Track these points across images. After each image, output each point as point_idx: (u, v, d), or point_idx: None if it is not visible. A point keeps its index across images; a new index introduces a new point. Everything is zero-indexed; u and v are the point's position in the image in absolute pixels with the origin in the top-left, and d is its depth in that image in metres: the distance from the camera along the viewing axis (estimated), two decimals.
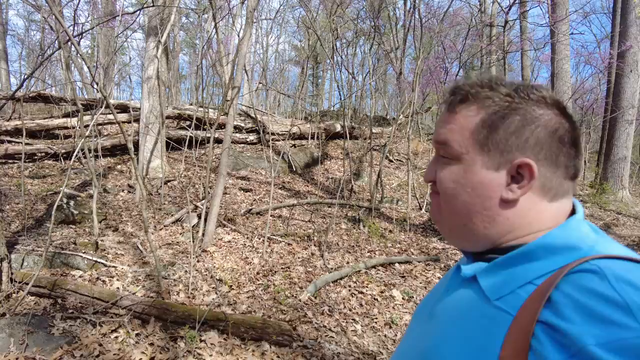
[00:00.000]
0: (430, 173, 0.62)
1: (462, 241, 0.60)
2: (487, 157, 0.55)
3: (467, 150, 0.56)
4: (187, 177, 7.11)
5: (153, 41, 6.66)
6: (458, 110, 0.58)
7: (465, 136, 0.56)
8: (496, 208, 0.54)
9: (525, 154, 0.53)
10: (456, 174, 0.57)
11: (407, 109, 7.97)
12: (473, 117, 0.56)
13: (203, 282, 3.54)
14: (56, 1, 5.99)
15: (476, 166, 0.55)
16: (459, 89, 0.59)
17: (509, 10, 8.42)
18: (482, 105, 0.56)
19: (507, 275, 0.52)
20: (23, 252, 3.44)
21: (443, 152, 0.59)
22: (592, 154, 13.29)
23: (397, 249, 5.08)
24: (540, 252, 0.51)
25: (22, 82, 3.57)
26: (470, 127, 0.56)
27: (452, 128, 0.57)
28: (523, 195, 0.53)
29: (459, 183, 0.56)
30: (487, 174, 0.55)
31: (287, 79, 24.41)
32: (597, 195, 9.03)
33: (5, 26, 15.12)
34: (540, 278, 0.48)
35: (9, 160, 6.42)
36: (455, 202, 0.57)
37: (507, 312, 0.48)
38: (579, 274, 0.45)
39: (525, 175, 0.53)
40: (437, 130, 0.61)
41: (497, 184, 0.54)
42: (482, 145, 0.55)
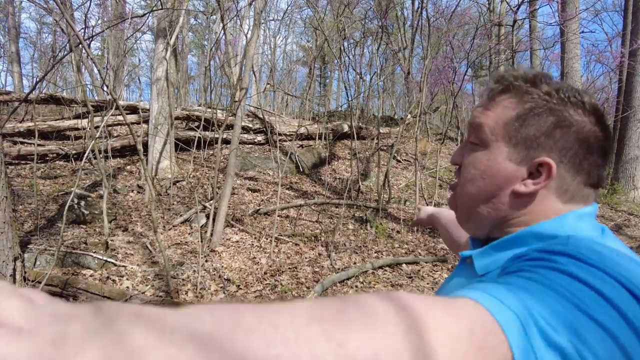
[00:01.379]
0: (458, 156, 0.64)
1: (470, 226, 0.63)
2: (512, 150, 0.57)
3: (497, 138, 0.58)
4: (195, 177, 7.17)
5: (162, 43, 6.74)
6: (498, 99, 0.59)
7: (499, 125, 0.58)
8: (505, 199, 0.57)
9: (550, 154, 0.54)
10: (479, 160, 0.59)
11: (415, 109, 7.95)
12: (510, 110, 0.58)
13: (211, 282, 3.58)
14: (67, 5, 6.09)
15: (500, 156, 0.57)
16: (503, 79, 0.60)
17: (517, 9, 8.36)
18: (520, 100, 0.57)
19: (497, 256, 0.56)
20: (36, 252, 3.51)
21: (474, 137, 0.60)
22: None
23: (404, 250, 5.07)
24: (528, 237, 0.54)
25: (35, 85, 3.64)
26: (505, 118, 0.57)
27: (489, 115, 0.59)
28: (536, 191, 0.55)
29: (479, 169, 0.59)
30: (509, 166, 0.57)
31: (295, 79, 24.47)
32: (608, 196, 8.92)
33: (18, 29, 15.39)
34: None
35: (21, 161, 6.54)
36: (471, 186, 0.60)
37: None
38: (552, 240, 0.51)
39: (543, 173, 0.55)
40: (473, 113, 0.62)
41: (514, 177, 0.56)
42: (511, 137, 0.57)
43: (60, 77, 16.71)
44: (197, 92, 23.22)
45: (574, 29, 9.46)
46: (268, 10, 19.15)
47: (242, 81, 4.62)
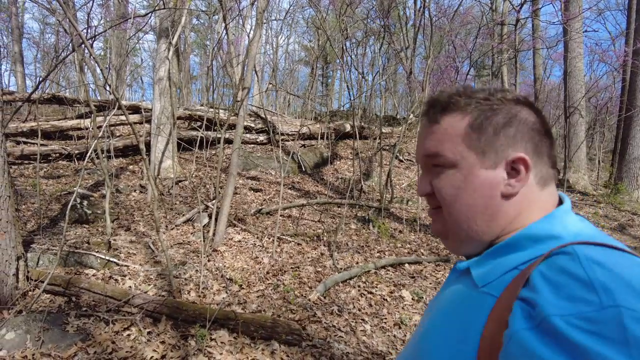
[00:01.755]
0: (425, 186, 0.62)
1: (468, 247, 0.61)
2: (483, 158, 0.57)
3: (462, 155, 0.57)
4: (198, 177, 7.18)
5: (164, 43, 6.74)
6: (441, 120, 0.59)
7: (457, 142, 0.58)
8: (498, 205, 0.57)
9: (517, 149, 0.56)
10: (456, 179, 0.58)
11: (417, 109, 7.93)
12: (459, 123, 0.58)
13: (214, 282, 3.58)
14: (70, 5, 6.10)
15: (475, 168, 0.57)
16: (436, 101, 0.61)
17: (520, 8, 8.33)
18: (464, 111, 0.58)
19: (495, 264, 0.55)
20: (39, 251, 3.51)
21: (437, 162, 0.60)
22: (607, 153, 13.07)
23: (407, 249, 5.06)
24: (524, 241, 0.54)
25: (37, 85, 3.65)
26: (459, 133, 0.58)
27: (440, 138, 0.59)
28: (521, 187, 0.56)
29: (460, 188, 0.57)
30: (488, 174, 0.56)
31: (297, 79, 24.46)
32: (611, 196, 8.87)
33: (21, 29, 15.44)
34: (525, 264, 0.51)
35: (25, 161, 6.56)
36: (458, 206, 0.58)
37: (491, 295, 0.51)
38: (555, 256, 0.48)
39: (520, 169, 0.56)
40: (421, 144, 0.62)
41: (497, 182, 0.56)
42: (475, 147, 0.57)
43: (63, 77, 16.76)
44: (199, 92, 23.26)
45: (577, 28, 9.42)
46: (270, 10, 19.16)
47: (244, 81, 4.61)
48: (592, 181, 10.76)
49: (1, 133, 2.76)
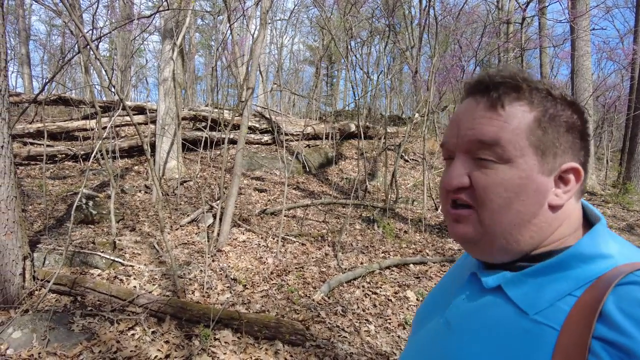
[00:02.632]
0: (461, 177, 0.53)
1: (502, 257, 0.54)
2: (542, 161, 0.51)
3: (522, 152, 0.50)
4: (202, 177, 7.20)
5: (169, 43, 6.77)
6: (510, 104, 0.51)
7: (520, 136, 0.50)
8: (544, 216, 0.51)
9: (572, 158, 0.52)
10: (510, 179, 0.50)
11: (422, 108, 7.89)
12: (525, 115, 0.51)
13: (218, 282, 3.58)
14: (75, 7, 6.15)
15: (533, 171, 0.50)
16: (498, 81, 0.53)
17: (526, 6, 8.25)
18: (530, 102, 0.51)
19: (539, 285, 0.50)
20: (45, 251, 3.53)
21: (488, 154, 0.51)
22: (615, 152, 12.93)
23: (412, 250, 5.03)
24: (572, 261, 0.49)
25: (44, 87, 3.68)
26: (524, 126, 0.51)
27: (503, 126, 0.50)
28: (568, 199, 0.52)
29: (513, 191, 0.50)
30: (543, 180, 0.51)
31: (302, 79, 24.48)
32: (620, 195, 8.77)
33: (28, 32, 15.59)
34: (579, 289, 0.47)
35: (31, 162, 6.62)
36: (506, 212, 0.50)
37: (550, 327, 0.45)
38: (629, 287, 0.43)
39: (570, 180, 0.51)
40: (470, 126, 0.53)
41: (547, 190, 0.51)
42: (537, 147, 0.50)
43: (69, 78, 16.90)
44: (204, 93, 23.35)
45: (585, 26, 9.32)
46: (275, 9, 19.19)
47: (248, 81, 4.62)
48: (600, 181, 10.65)
49: (8, 134, 2.78)
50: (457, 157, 0.54)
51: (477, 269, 0.59)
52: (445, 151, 0.57)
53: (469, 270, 0.62)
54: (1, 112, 2.72)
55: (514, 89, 0.52)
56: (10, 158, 2.81)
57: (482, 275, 0.56)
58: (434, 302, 0.67)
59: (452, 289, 0.64)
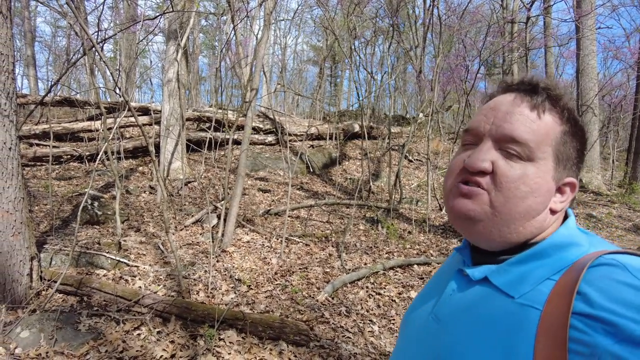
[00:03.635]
0: (485, 162, 0.56)
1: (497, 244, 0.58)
2: (557, 168, 0.57)
3: (545, 156, 0.56)
4: (207, 178, 7.23)
5: (173, 44, 6.80)
6: (548, 112, 0.57)
7: (548, 143, 0.56)
8: (545, 216, 0.57)
9: (573, 173, 0.58)
10: (531, 176, 0.55)
11: (427, 108, 7.88)
12: (557, 126, 0.57)
13: (222, 282, 3.60)
14: (81, 8, 6.19)
15: (548, 174, 0.56)
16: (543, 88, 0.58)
17: (531, 5, 8.22)
18: (562, 116, 0.57)
19: (521, 273, 0.55)
20: (51, 251, 3.57)
21: (517, 150, 0.55)
22: (621, 152, 12.84)
23: (416, 250, 5.03)
24: (549, 249, 0.55)
25: (50, 89, 3.72)
26: (552, 134, 0.56)
27: (537, 130, 0.55)
28: (563, 208, 0.58)
29: (530, 187, 0.55)
30: (552, 185, 0.57)
31: (305, 79, 24.50)
32: (626, 195, 8.72)
33: (34, 33, 15.71)
34: (557, 274, 0.52)
35: (37, 163, 6.68)
36: (521, 204, 0.55)
37: (533, 307, 0.50)
38: (600, 267, 0.49)
39: (566, 191, 0.58)
40: (513, 122, 0.56)
41: (552, 195, 0.57)
42: (556, 156, 0.56)
43: (74, 80, 17.01)
44: (208, 93, 23.42)
45: (590, 25, 9.27)
46: (278, 10, 19.21)
47: (252, 82, 4.63)
48: (606, 181, 10.58)
49: (15, 136, 2.81)
50: (485, 142, 0.58)
51: (462, 265, 0.63)
52: (469, 136, 0.60)
53: (454, 268, 0.66)
54: (9, 114, 2.75)
55: (555, 99, 0.57)
56: (18, 160, 2.84)
57: (468, 269, 0.60)
58: (420, 302, 0.70)
59: (438, 287, 0.67)
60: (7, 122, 2.75)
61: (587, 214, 7.37)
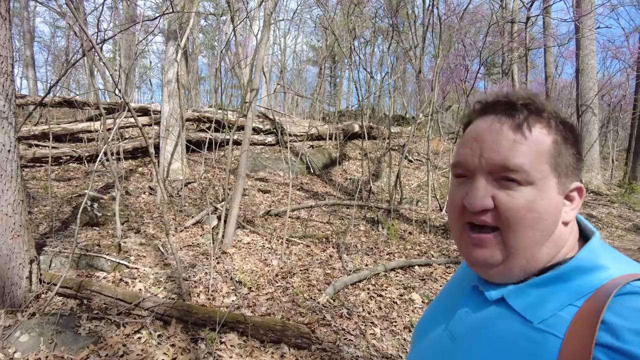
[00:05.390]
0: (486, 199, 0.53)
1: (519, 275, 0.55)
2: (559, 181, 0.54)
3: (544, 175, 0.52)
4: (206, 179, 7.21)
5: (172, 45, 6.78)
6: (534, 128, 0.53)
7: (541, 160, 0.52)
8: (559, 232, 0.54)
9: (577, 178, 0.56)
10: (533, 201, 0.51)
11: (426, 108, 7.87)
12: (546, 138, 0.53)
13: (223, 284, 3.58)
14: (80, 9, 6.17)
15: (551, 192, 0.53)
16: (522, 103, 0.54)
17: (531, 5, 8.21)
18: (549, 126, 0.54)
19: (541, 296, 0.52)
20: (51, 254, 3.55)
21: (513, 177, 0.52)
22: (621, 152, 12.84)
23: (416, 251, 5.02)
24: (572, 273, 0.52)
25: (49, 90, 3.70)
26: (544, 149, 0.53)
27: (528, 151, 0.52)
28: (574, 216, 0.56)
29: (538, 211, 0.52)
30: (559, 199, 0.54)
31: (305, 79, 24.49)
32: (625, 195, 8.72)
33: (33, 33, 15.66)
34: (580, 299, 0.49)
35: (36, 164, 6.65)
36: (530, 231, 0.52)
37: (554, 335, 0.48)
38: (628, 296, 0.46)
39: (575, 198, 0.55)
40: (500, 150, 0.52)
41: (562, 208, 0.55)
42: (554, 169, 0.53)
43: (73, 80, 16.97)
44: (207, 93, 23.39)
45: (590, 24, 9.26)
46: (278, 10, 19.17)
47: (252, 82, 4.61)
48: (606, 180, 10.57)
49: (14, 138, 2.79)
50: (478, 178, 0.54)
51: (478, 281, 0.60)
52: (459, 169, 0.57)
53: (469, 282, 0.63)
54: (8, 116, 2.73)
55: (537, 111, 0.54)
56: (17, 162, 2.82)
57: (485, 288, 0.57)
58: (434, 315, 0.68)
59: (453, 301, 0.65)
60: (6, 124, 2.73)
61: (587, 214, 7.37)
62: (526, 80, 9.60)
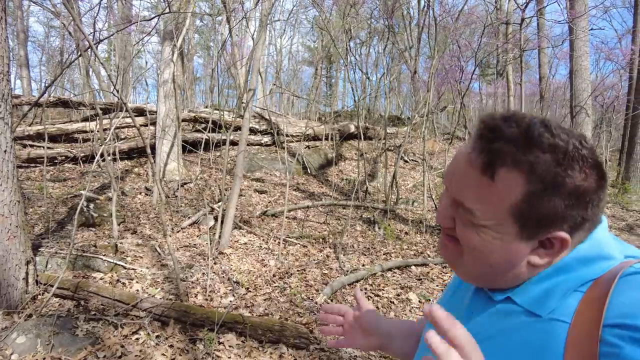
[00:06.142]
0: (447, 219, 0.56)
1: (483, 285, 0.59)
2: (522, 231, 0.50)
3: (500, 222, 0.50)
4: (203, 179, 7.19)
5: (169, 45, 6.76)
6: (497, 176, 0.49)
7: (503, 208, 0.49)
8: (523, 270, 0.53)
9: (562, 228, 0.49)
10: (485, 239, 0.52)
11: (422, 109, 7.90)
12: (515, 188, 0.48)
13: (220, 285, 3.58)
14: (75, 9, 6.13)
15: (508, 237, 0.51)
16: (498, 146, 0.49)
17: (525, 7, 8.27)
18: (526, 175, 0.48)
19: (545, 289, 0.52)
20: (47, 255, 3.53)
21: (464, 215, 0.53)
22: (614, 152, 12.96)
23: (413, 251, 5.04)
24: (574, 264, 0.52)
25: (45, 90, 3.68)
26: (510, 200, 0.49)
27: (486, 198, 0.50)
28: (550, 261, 0.52)
29: (489, 250, 0.52)
30: (519, 245, 0.51)
31: (301, 79, 24.49)
32: (619, 195, 8.80)
33: (27, 33, 15.53)
34: (585, 285, 0.50)
35: (31, 164, 6.60)
36: (484, 263, 0.54)
37: (561, 321, 0.48)
38: (634, 276, 0.47)
39: (556, 245, 0.51)
40: (460, 187, 0.53)
41: (525, 252, 0.52)
42: (519, 220, 0.49)
43: (68, 80, 16.85)
44: (202, 94, 23.31)
45: (583, 26, 9.34)
46: (273, 10, 19.15)
47: (249, 83, 4.62)
48: None
49: (11, 139, 2.77)
50: (448, 197, 0.57)
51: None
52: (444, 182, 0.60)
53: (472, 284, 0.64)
54: (4, 116, 2.72)
55: (519, 154, 0.48)
56: (13, 162, 2.80)
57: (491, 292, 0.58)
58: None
59: (458, 302, 0.65)
60: (2, 124, 2.72)
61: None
62: (521, 81, 9.68)
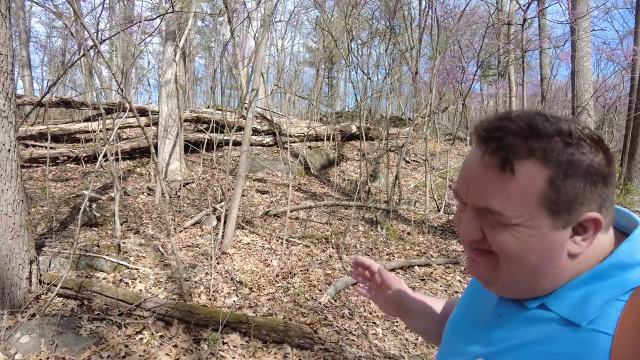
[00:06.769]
0: (473, 231, 0.53)
1: (521, 295, 0.55)
2: (555, 219, 0.49)
3: (532, 216, 0.49)
4: (205, 179, 7.19)
5: (171, 46, 6.76)
6: (517, 171, 0.48)
7: (531, 202, 0.48)
8: (564, 263, 0.51)
9: (591, 208, 0.49)
10: (521, 237, 0.50)
11: (424, 109, 7.89)
12: (537, 178, 0.48)
13: (224, 284, 3.57)
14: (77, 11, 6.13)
15: (544, 229, 0.49)
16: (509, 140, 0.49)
17: (527, 7, 8.27)
18: (544, 158, 0.48)
19: (583, 296, 0.50)
20: (50, 254, 3.52)
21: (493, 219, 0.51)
22: (615, 153, 12.96)
23: (416, 252, 5.03)
24: (612, 270, 0.50)
25: (48, 90, 3.68)
26: (536, 190, 0.48)
27: (512, 195, 0.49)
28: (588, 246, 0.51)
29: (527, 248, 0.50)
30: (556, 235, 0.50)
31: (302, 80, 24.50)
32: (620, 196, 8.78)
33: (29, 33, 15.56)
34: (626, 294, 0.47)
35: (33, 164, 6.60)
36: (523, 266, 0.51)
37: (603, 333, 0.46)
38: None
39: (590, 228, 0.50)
40: (481, 193, 0.51)
41: (563, 242, 0.50)
42: (549, 208, 0.48)
43: (69, 79, 16.87)
44: (204, 94, 23.34)
45: (585, 27, 9.33)
46: (275, 11, 19.17)
47: (252, 83, 4.61)
48: None
49: (15, 138, 2.77)
50: (469, 210, 0.54)
51: None
52: (458, 198, 0.57)
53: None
54: (8, 115, 2.72)
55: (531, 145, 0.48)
56: (17, 161, 2.80)
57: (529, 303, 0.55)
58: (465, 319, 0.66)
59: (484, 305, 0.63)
60: (6, 124, 2.71)
61: None
62: (522, 82, 9.68)
